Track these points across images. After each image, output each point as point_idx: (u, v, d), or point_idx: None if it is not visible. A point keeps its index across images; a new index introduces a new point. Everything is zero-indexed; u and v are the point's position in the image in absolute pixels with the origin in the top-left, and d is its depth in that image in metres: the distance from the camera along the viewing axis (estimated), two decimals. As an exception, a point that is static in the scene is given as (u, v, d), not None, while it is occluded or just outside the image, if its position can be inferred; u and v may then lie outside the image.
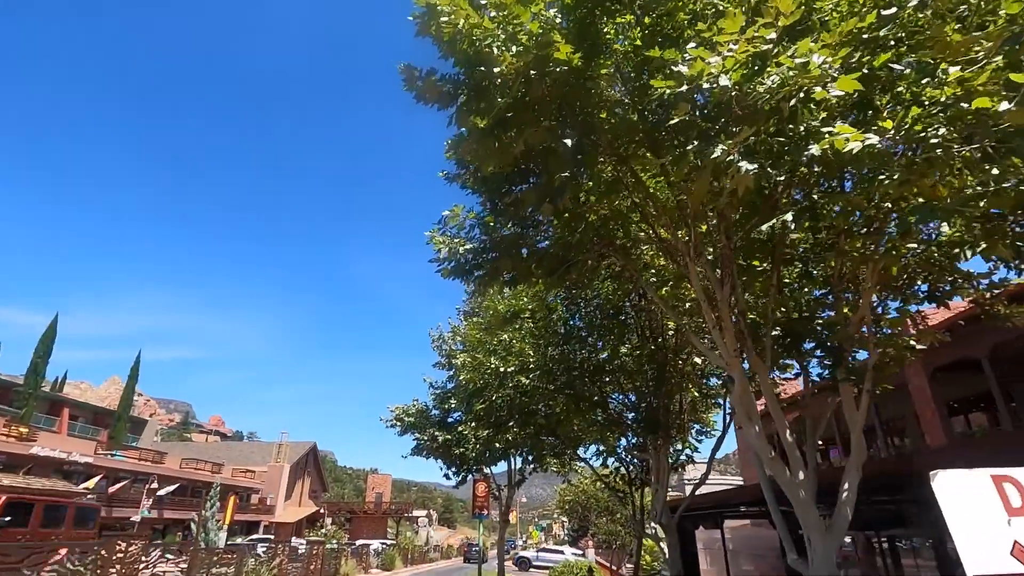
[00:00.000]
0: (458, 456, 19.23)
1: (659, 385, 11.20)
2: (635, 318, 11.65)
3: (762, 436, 6.63)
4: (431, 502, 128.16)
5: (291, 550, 19.52)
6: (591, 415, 12.23)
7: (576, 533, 63.81)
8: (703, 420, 14.67)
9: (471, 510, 22.22)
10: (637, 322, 11.65)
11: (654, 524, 12.89)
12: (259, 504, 55.18)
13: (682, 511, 11.81)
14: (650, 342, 11.60)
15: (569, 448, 16.23)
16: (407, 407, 20.83)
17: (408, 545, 40.28)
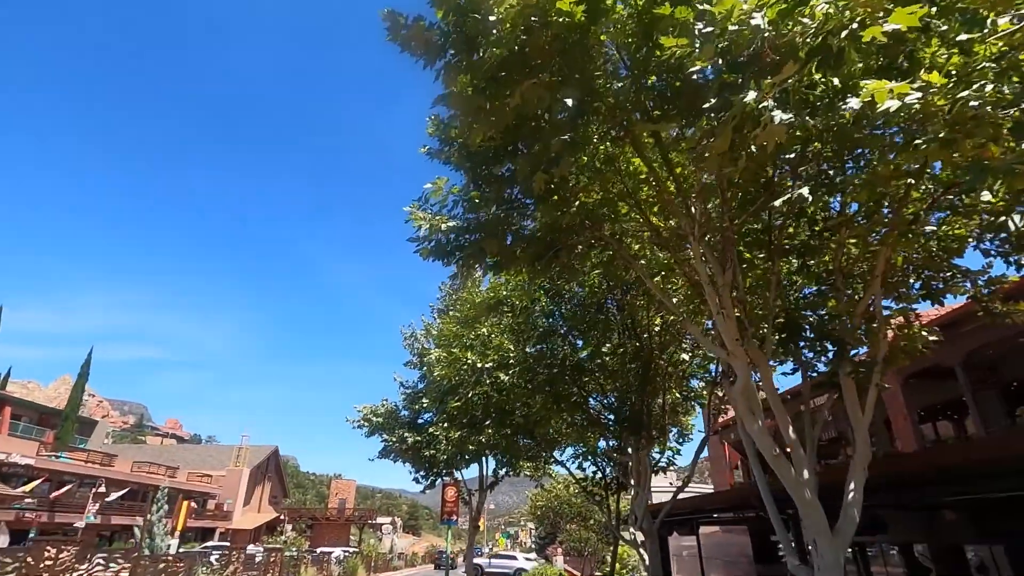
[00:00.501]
0: (428, 459, 18.42)
1: (643, 384, 10.72)
2: (618, 315, 11.18)
3: (765, 432, 6.16)
4: (396, 509, 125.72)
5: (247, 558, 18.35)
6: (572, 415, 11.67)
7: (544, 540, 63.14)
8: (682, 423, 14.28)
9: (439, 516, 21.38)
10: (621, 319, 11.17)
11: (633, 530, 12.37)
12: (216, 510, 52.91)
13: (664, 516, 11.32)
14: (634, 340, 11.13)
15: (545, 451, 15.64)
16: (375, 407, 19.92)
17: (371, 553, 38.92)
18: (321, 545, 53.22)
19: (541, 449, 15.30)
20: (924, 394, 17.30)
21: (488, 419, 11.63)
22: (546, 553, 56.89)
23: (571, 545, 40.20)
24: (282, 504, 67.44)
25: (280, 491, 68.80)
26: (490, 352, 11.05)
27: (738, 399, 6.26)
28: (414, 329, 20.24)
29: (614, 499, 16.07)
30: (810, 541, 5.79)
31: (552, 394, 11.30)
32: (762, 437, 6.11)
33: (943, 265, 6.67)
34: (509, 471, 19.64)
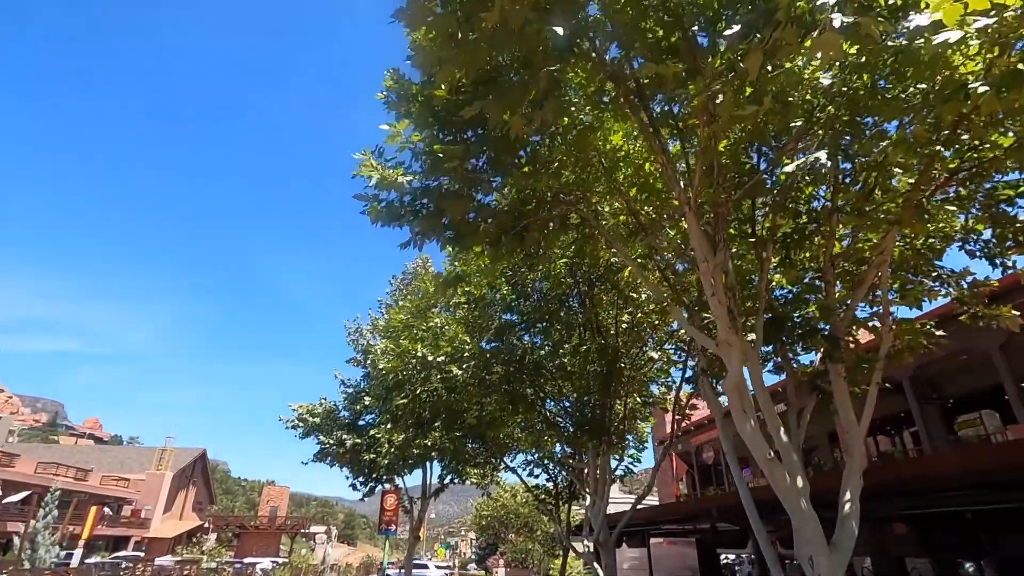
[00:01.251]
0: (368, 463, 17.02)
1: (606, 385, 9.94)
2: (581, 312, 10.39)
3: (758, 432, 5.42)
4: (332, 518, 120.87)
5: (155, 570, 16.37)
6: (528, 417, 10.76)
7: (484, 551, 61.66)
8: (639, 430, 13.63)
9: (376, 526, 19.92)
10: (584, 316, 10.40)
11: (587, 541, 11.53)
12: (132, 517, 48.71)
13: (623, 527, 10.53)
14: (598, 338, 10.36)
15: (495, 456, 14.63)
16: (312, 406, 18.35)
17: (301, 564, 36.56)
18: (248, 555, 49.93)
19: (491, 455, 14.29)
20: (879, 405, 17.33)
21: (437, 419, 10.54)
22: (486, 564, 55.47)
23: (513, 556, 39.13)
24: (208, 511, 63.18)
25: (206, 497, 64.47)
26: (443, 344, 10.01)
27: (730, 395, 5.51)
28: (359, 324, 18.86)
29: (565, 509, 15.23)
30: (805, 558, 5.05)
31: (508, 393, 10.36)
32: (755, 439, 5.37)
33: (925, 267, 6.20)
34: (455, 478, 18.46)
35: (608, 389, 9.97)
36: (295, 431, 18.11)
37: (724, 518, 10.52)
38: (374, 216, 6.09)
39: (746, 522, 10.72)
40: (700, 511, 11.27)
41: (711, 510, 10.68)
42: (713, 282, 5.30)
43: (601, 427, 9.97)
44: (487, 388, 10.44)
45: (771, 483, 5.32)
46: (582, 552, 11.48)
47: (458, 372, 9.85)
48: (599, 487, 10.97)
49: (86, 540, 32.10)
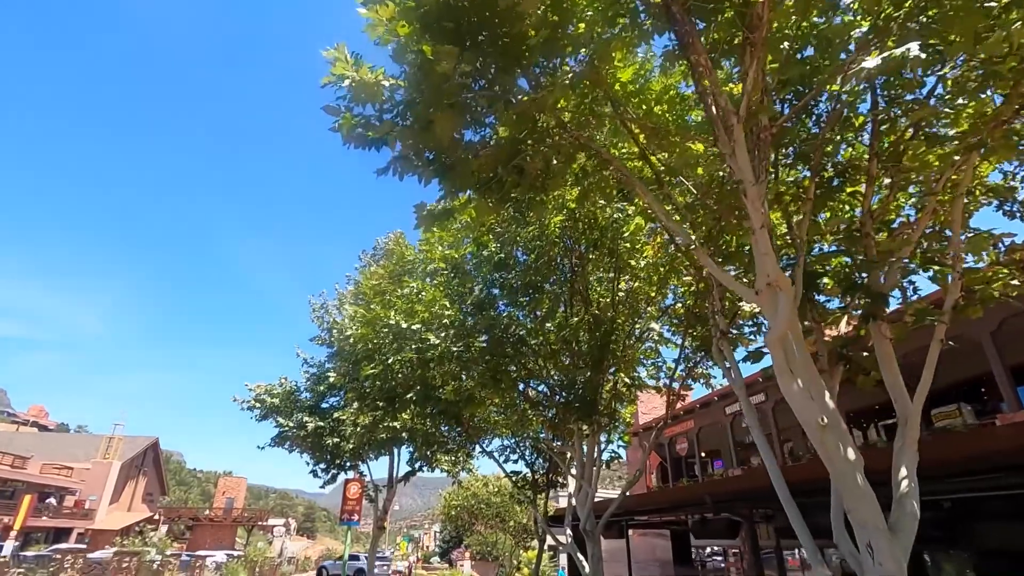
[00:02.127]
0: (331, 448, 15.76)
1: (598, 360, 9.00)
2: (570, 280, 9.42)
3: (806, 394, 4.52)
4: (291, 510, 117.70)
5: (88, 564, 14.76)
6: (510, 394, 9.74)
7: (448, 544, 60.49)
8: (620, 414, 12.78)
9: (339, 516, 18.64)
10: (573, 285, 9.44)
11: (569, 532, 10.61)
12: (76, 507, 45.81)
13: (609, 515, 9.62)
14: (591, 309, 9.43)
15: (470, 441, 13.58)
16: (271, 386, 16.93)
17: (257, 557, 34.77)
18: (201, 548, 47.69)
19: (466, 439, 13.23)
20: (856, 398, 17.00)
21: (410, 392, 9.42)
22: (451, 557, 54.36)
23: (478, 549, 38.17)
24: (159, 502, 60.22)
25: (158, 488, 61.41)
26: (419, 310, 8.89)
27: (774, 350, 4.59)
28: (325, 300, 17.49)
29: (542, 498, 14.32)
30: (864, 541, 4.18)
31: (490, 368, 9.32)
32: (804, 401, 4.46)
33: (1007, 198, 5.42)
34: (424, 466, 17.34)
35: (600, 364, 9.04)
36: (251, 413, 16.67)
37: (721, 506, 9.74)
38: (347, 130, 4.94)
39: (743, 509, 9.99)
40: (692, 499, 10.49)
41: (704, 497, 9.89)
42: (763, 210, 4.37)
43: (592, 406, 9.04)
44: (466, 362, 9.38)
45: (821, 454, 4.44)
46: (562, 543, 10.55)
47: (435, 340, 8.75)
48: (586, 472, 10.04)
49: (19, 531, 29.75)
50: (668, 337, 10.77)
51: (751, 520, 9.77)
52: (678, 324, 9.98)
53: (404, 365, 9.39)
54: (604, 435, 10.74)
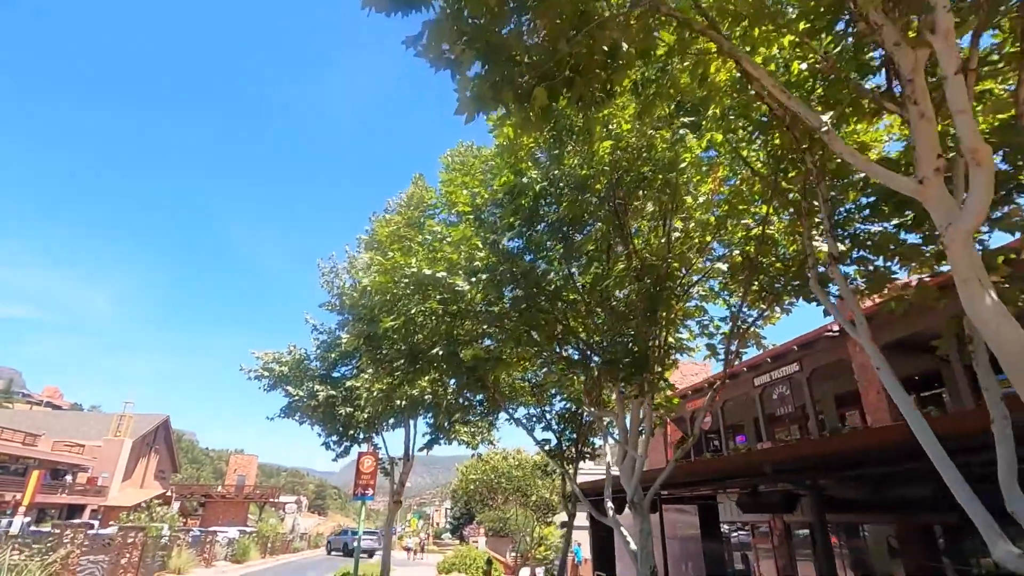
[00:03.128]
0: (344, 419, 14.68)
1: (651, 310, 7.75)
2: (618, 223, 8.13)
3: (1001, 307, 3.26)
4: (302, 488, 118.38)
5: (91, 539, 13.85)
6: (549, 349, 8.54)
7: (459, 521, 60.19)
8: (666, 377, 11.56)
9: (349, 494, 17.68)
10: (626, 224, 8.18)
11: (610, 505, 9.48)
12: (88, 484, 45.51)
13: (660, 485, 8.46)
14: (639, 253, 8.18)
15: (493, 409, 12.46)
16: (279, 354, 15.82)
17: (270, 533, 34.26)
18: (214, 524, 47.49)
19: (489, 407, 12.10)
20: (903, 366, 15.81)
21: (435, 348, 8.23)
22: (462, 533, 53.99)
23: (491, 525, 37.48)
24: (171, 480, 60.08)
25: (169, 465, 61.23)
26: (447, 251, 7.66)
27: (960, 247, 3.31)
28: (335, 262, 16.26)
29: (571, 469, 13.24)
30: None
31: (524, 321, 8.12)
32: (1001, 318, 3.21)
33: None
34: (441, 439, 16.28)
35: (654, 315, 7.80)
36: (259, 383, 15.60)
37: (784, 476, 8.56)
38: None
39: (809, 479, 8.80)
40: (747, 468, 9.32)
41: (764, 466, 8.71)
42: (956, 51, 3.06)
43: (643, 363, 7.82)
44: (497, 315, 8.18)
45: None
46: (605, 519, 9.43)
47: (465, 286, 7.53)
48: (631, 438, 8.88)
49: (30, 507, 29.16)
50: (718, 292, 9.52)
51: (817, 491, 8.62)
52: (731, 277, 8.71)
53: (428, 317, 8.20)
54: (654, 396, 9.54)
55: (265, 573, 23.71)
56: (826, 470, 8.20)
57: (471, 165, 9.02)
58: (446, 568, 22.76)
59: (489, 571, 19.26)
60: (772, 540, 17.04)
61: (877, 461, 7.00)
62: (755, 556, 18.26)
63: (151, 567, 17.06)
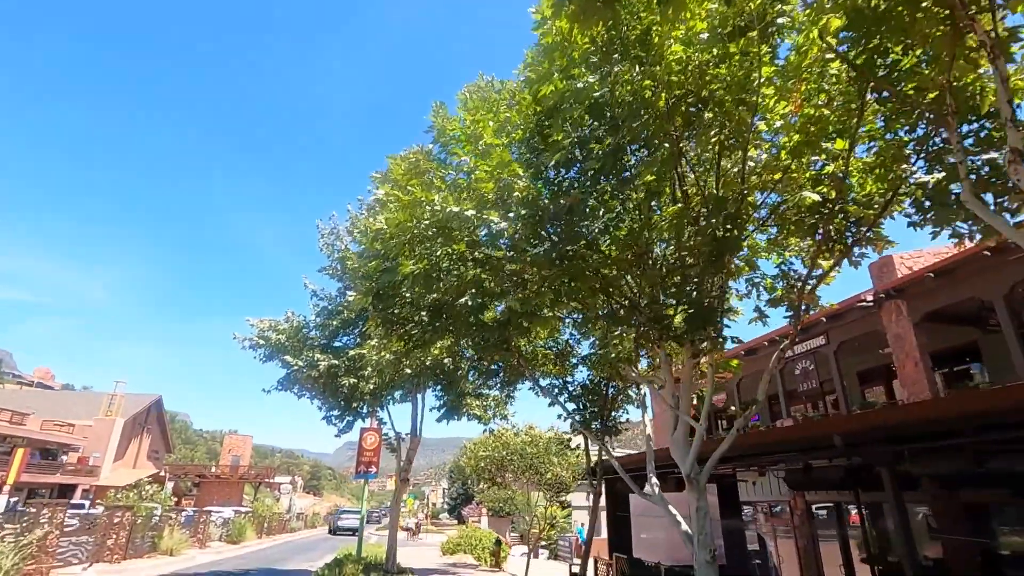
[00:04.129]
0: (347, 390, 13.41)
1: (718, 253, 6.51)
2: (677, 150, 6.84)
3: None
4: (297, 469, 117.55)
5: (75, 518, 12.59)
6: (593, 301, 7.29)
7: (456, 501, 59.49)
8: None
9: (343, 477, 16.50)
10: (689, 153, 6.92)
11: (654, 481, 8.33)
12: (79, 464, 44.23)
13: (720, 457, 7.28)
14: (707, 185, 6.93)
15: (513, 379, 11.25)
16: (276, 322, 14.47)
17: (266, 513, 33.19)
18: (209, 504, 46.63)
19: (511, 376, 10.89)
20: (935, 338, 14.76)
21: (464, 298, 6.95)
22: (460, 513, 53.25)
23: (491, 505, 36.64)
24: (164, 460, 58.85)
25: (163, 446, 59.94)
26: (482, 180, 6.34)
27: None
28: (335, 223, 14.87)
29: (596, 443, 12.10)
30: None
31: (570, 268, 6.86)
32: None
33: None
34: (453, 415, 15.07)
35: (719, 261, 6.56)
36: (255, 352, 14.27)
37: (858, 449, 7.42)
38: None
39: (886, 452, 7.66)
40: (812, 441, 8.18)
41: (833, 437, 7.58)
42: None
43: (710, 315, 6.62)
44: (537, 260, 6.90)
45: None
46: (650, 496, 8.30)
47: (501, 224, 6.25)
48: (685, 404, 7.70)
49: (14, 485, 27.84)
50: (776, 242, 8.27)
51: (892, 466, 7.50)
52: (796, 224, 7.47)
53: (455, 263, 6.92)
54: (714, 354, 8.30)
55: (264, 553, 22.66)
56: (913, 441, 7.09)
57: (494, 102, 7.68)
58: (451, 548, 21.76)
59: (498, 552, 18.29)
60: (792, 520, 16.11)
61: (1003, 426, 5.86)
62: (773, 537, 17.34)
63: (140, 547, 15.87)
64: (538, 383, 9.89)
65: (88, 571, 12.58)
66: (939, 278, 12.30)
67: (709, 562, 6.96)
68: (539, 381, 10.25)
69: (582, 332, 8.07)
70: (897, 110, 6.07)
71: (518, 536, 34.34)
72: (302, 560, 20.01)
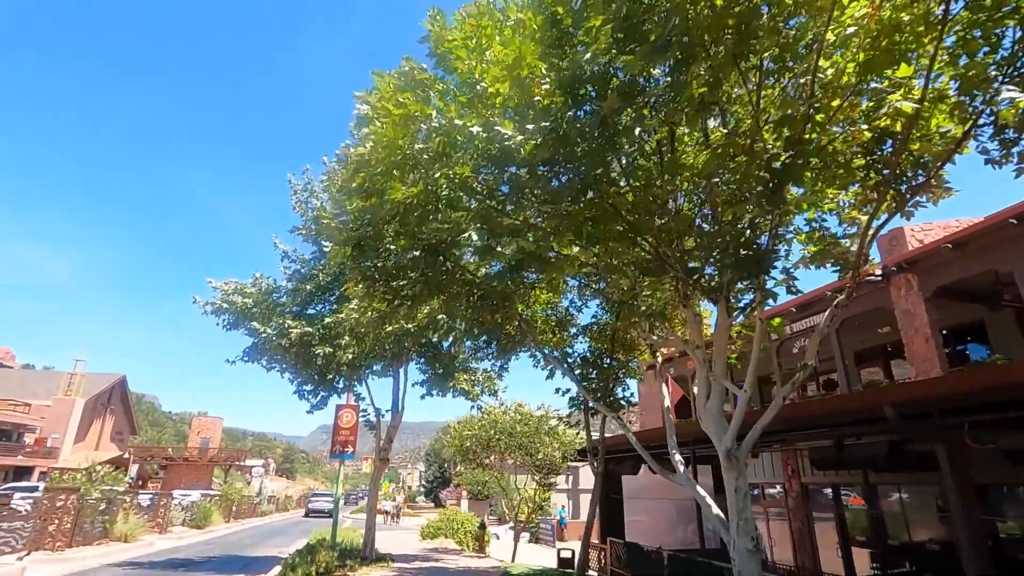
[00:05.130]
0: (322, 361, 11.95)
1: (779, 182, 5.32)
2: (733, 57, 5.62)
3: None
4: (269, 452, 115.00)
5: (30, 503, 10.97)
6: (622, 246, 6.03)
7: (433, 484, 58.35)
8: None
9: (330, 448, 15.13)
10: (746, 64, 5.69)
11: (677, 457, 7.21)
12: (36, 445, 41.68)
13: (763, 429, 6.16)
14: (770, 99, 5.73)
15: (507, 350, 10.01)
16: (242, 284, 12.86)
17: (235, 496, 31.51)
18: (177, 487, 44.75)
19: (510, 341, 9.64)
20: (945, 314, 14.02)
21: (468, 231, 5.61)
22: (437, 496, 52.16)
23: (470, 488, 35.58)
24: (129, 442, 56.20)
25: (127, 427, 57.25)
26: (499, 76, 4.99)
27: None
28: (309, 179, 13.28)
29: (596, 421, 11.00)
30: None
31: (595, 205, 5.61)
32: None
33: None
34: (436, 390, 13.76)
35: (778, 193, 5.36)
36: (217, 319, 12.68)
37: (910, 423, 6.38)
38: None
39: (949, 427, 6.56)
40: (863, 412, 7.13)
41: (884, 408, 6.54)
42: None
43: (764, 258, 5.45)
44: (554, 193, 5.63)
45: None
46: (679, 478, 7.20)
47: (517, 138, 4.94)
48: (716, 367, 6.57)
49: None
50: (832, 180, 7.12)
51: (956, 445, 6.49)
52: (846, 168, 6.31)
53: (455, 188, 5.58)
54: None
55: (231, 538, 21.14)
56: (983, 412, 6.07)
57: (498, 21, 6.29)
58: (431, 533, 20.56)
59: (482, 536, 17.16)
60: (786, 502, 15.38)
61: None
62: (766, 519, 16.60)
63: (90, 534, 14.25)
64: (541, 351, 8.65)
65: (24, 560, 11.00)
66: (956, 250, 11.49)
67: (752, 551, 5.86)
68: (542, 349, 9.01)
69: (608, 280, 6.75)
70: (983, 21, 4.98)
71: (496, 519, 33.41)
72: (272, 546, 18.57)
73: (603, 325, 11.46)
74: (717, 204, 5.94)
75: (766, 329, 6.78)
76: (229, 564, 13.52)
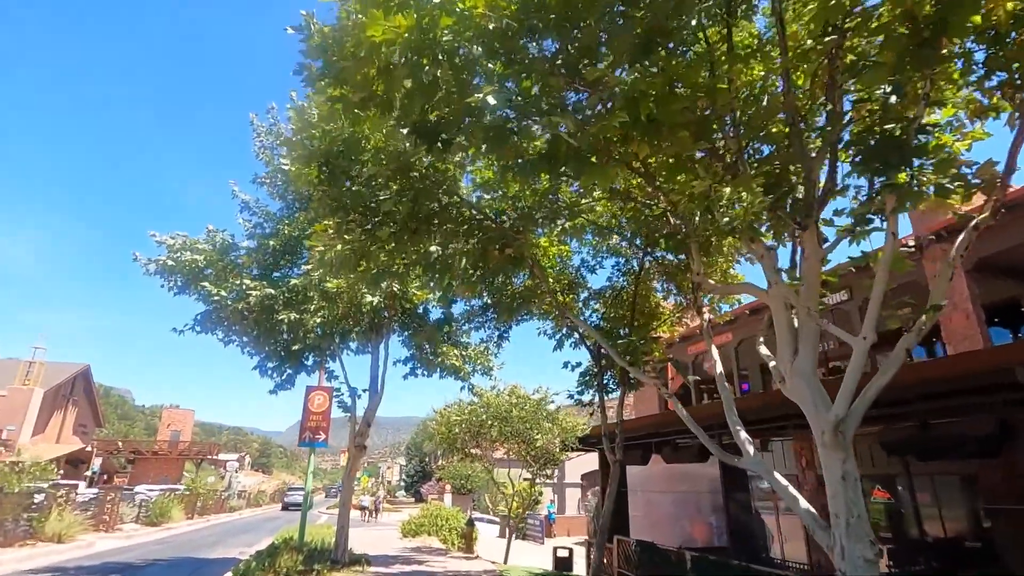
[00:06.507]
0: (287, 328, 9.97)
1: (932, 38, 3.60)
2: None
3: None
4: (245, 446, 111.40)
5: None
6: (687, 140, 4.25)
7: (413, 478, 56.28)
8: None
9: (300, 436, 13.13)
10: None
11: (744, 435, 5.51)
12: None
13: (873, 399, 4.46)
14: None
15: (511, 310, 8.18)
16: (192, 240, 10.76)
17: (202, 491, 29.15)
18: (144, 482, 42.28)
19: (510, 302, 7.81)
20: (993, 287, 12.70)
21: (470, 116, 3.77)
22: (419, 490, 50.11)
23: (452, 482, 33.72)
24: (93, 435, 52.97)
25: (91, 419, 53.90)
26: None
27: None
28: (275, 119, 11.24)
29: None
30: None
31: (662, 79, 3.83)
32: None
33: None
34: (420, 368, 11.87)
35: (934, 45, 3.66)
36: (163, 280, 10.58)
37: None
38: None
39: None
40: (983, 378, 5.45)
41: (1016, 371, 4.92)
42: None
43: (904, 146, 3.75)
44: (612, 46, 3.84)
45: None
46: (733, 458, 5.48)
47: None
48: (804, 331, 4.85)
49: None
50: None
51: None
52: None
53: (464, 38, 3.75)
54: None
55: (189, 536, 18.95)
56: None
57: None
58: (412, 530, 18.64)
59: (470, 534, 15.31)
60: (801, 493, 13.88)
61: None
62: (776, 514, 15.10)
63: (12, 533, 12.06)
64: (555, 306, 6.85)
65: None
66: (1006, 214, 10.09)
67: (871, 560, 4.17)
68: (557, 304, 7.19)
69: (674, 186, 4.92)
70: None
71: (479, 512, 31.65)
72: (234, 545, 16.47)
73: (618, 290, 9.72)
74: (836, 75, 4.19)
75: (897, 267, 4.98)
76: (176, 569, 11.46)
